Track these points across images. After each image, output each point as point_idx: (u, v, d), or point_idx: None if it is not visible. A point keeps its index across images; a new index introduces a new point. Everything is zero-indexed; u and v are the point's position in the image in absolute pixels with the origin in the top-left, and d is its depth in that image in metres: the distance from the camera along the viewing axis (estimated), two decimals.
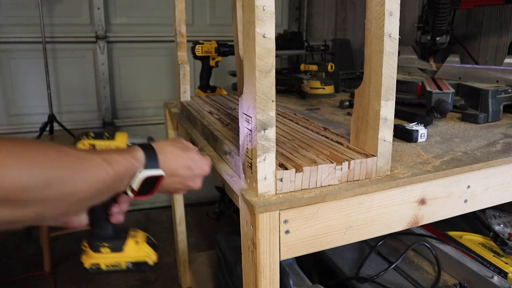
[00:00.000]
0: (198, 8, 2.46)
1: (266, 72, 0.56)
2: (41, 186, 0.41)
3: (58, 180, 0.43)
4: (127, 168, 0.52)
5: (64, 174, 0.44)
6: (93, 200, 0.49)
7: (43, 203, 0.42)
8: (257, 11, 0.53)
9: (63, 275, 1.85)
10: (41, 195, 0.42)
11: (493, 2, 1.30)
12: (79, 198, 0.46)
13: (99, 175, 0.48)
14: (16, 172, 0.39)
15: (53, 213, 0.46)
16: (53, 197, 0.43)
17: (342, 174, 0.65)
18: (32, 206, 0.41)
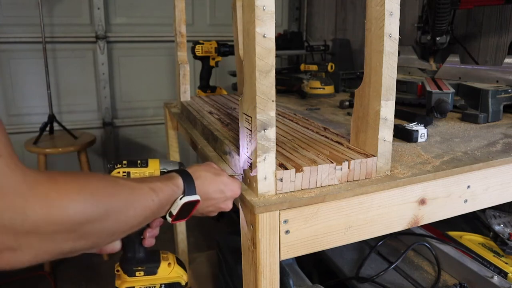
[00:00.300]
0: (198, 8, 2.46)
1: (266, 72, 0.56)
2: (102, 218, 0.43)
3: (115, 211, 0.45)
4: (170, 196, 0.55)
5: (119, 205, 0.46)
6: (139, 226, 0.51)
7: (101, 233, 0.44)
8: (257, 11, 0.53)
9: (63, 275, 1.85)
10: (101, 226, 0.43)
11: (493, 2, 1.30)
12: (130, 227, 0.49)
13: (147, 203, 0.51)
14: (81, 205, 0.40)
15: (107, 241, 0.48)
16: (110, 227, 0.45)
17: (342, 174, 0.65)
18: (92, 236, 0.43)
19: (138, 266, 0.67)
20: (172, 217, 0.56)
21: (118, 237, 0.49)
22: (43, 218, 0.38)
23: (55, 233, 0.39)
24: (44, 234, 0.38)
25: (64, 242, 0.40)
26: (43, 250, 0.39)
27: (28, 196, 0.37)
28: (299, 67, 1.64)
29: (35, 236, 0.37)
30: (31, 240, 0.37)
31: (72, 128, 2.15)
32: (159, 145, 2.62)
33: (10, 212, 0.36)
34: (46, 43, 2.03)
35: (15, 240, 0.36)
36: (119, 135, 2.56)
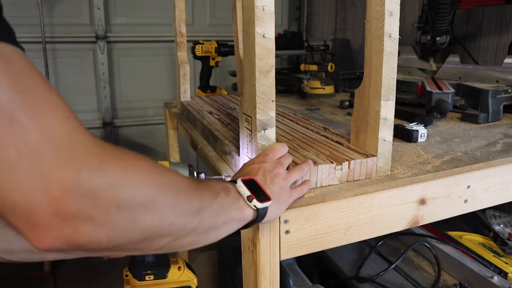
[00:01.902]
0: (198, 8, 2.46)
1: (266, 72, 0.56)
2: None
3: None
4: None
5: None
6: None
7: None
8: (256, 11, 0.53)
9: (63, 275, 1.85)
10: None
11: (493, 2, 1.30)
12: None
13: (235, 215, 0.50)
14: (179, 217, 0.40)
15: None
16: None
17: (342, 174, 0.65)
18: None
19: (148, 270, 0.66)
20: (254, 197, 0.51)
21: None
22: (119, 178, 0.34)
23: (131, 201, 0.35)
24: (121, 201, 0.34)
25: (142, 215, 0.36)
26: (122, 224, 0.35)
27: (103, 156, 0.34)
28: (299, 67, 1.64)
29: (112, 202, 0.33)
30: (109, 207, 0.33)
31: None
32: (159, 145, 2.62)
33: (86, 171, 0.32)
34: (46, 43, 2.03)
35: (93, 205, 0.32)
36: (119, 135, 2.56)
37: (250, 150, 0.62)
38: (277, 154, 0.59)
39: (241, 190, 0.51)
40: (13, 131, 0.29)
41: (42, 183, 0.30)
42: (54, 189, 0.30)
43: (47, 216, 0.30)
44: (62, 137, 0.32)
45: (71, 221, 0.31)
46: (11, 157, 0.29)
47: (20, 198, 0.30)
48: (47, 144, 0.31)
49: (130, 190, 0.35)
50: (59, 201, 0.30)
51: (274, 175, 0.56)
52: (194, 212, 0.42)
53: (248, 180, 0.53)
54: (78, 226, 0.32)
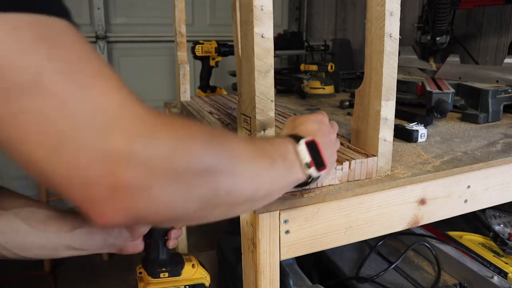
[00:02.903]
0: (198, 8, 2.46)
1: (265, 72, 0.56)
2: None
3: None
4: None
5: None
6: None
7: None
8: (255, 11, 0.53)
9: (63, 275, 1.85)
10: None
11: (493, 2, 1.30)
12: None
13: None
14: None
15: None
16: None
17: (343, 174, 0.65)
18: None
19: (162, 268, 0.66)
20: (312, 164, 0.49)
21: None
22: (174, 148, 0.33)
23: (187, 170, 0.33)
24: (177, 170, 0.33)
25: (199, 184, 0.35)
26: (179, 193, 0.33)
27: (156, 126, 0.32)
28: (299, 67, 1.64)
29: (168, 172, 0.32)
30: (165, 177, 0.32)
31: None
32: None
33: (140, 141, 0.30)
34: None
35: (148, 176, 0.31)
36: None
37: None
38: (327, 117, 0.59)
39: (301, 154, 0.48)
40: (66, 102, 0.29)
41: (96, 154, 0.29)
42: (109, 160, 0.29)
43: (104, 189, 0.30)
44: (114, 108, 0.31)
45: (128, 193, 0.30)
46: (64, 129, 0.29)
47: (77, 171, 0.29)
48: (100, 115, 0.30)
49: (186, 159, 0.33)
50: (115, 172, 0.29)
51: (330, 140, 0.55)
52: (250, 181, 0.41)
53: (310, 143, 0.49)
54: (136, 198, 0.31)
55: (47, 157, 0.29)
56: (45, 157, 0.29)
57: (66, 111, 0.29)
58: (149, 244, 0.65)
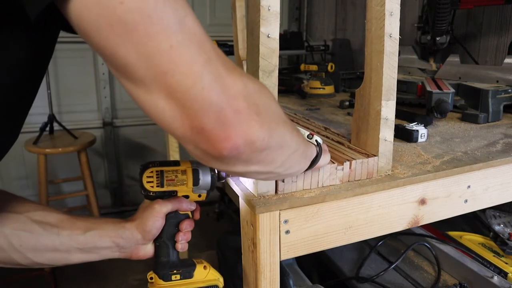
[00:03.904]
0: (198, 8, 2.46)
1: (270, 72, 0.56)
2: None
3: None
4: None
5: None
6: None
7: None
8: (262, 11, 0.53)
9: (63, 275, 1.85)
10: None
11: (493, 2, 1.30)
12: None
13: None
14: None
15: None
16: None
17: (343, 174, 0.65)
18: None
19: (174, 270, 0.66)
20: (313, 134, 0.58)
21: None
22: (270, 96, 0.42)
23: (279, 111, 0.43)
24: (273, 110, 0.42)
25: (282, 123, 0.43)
26: (273, 126, 0.41)
27: (255, 79, 0.42)
28: (299, 67, 1.64)
29: (268, 109, 0.40)
30: (266, 112, 0.40)
31: (72, 128, 2.15)
32: (159, 145, 2.62)
33: (250, 84, 0.39)
34: None
35: (257, 108, 0.38)
36: (119, 135, 2.56)
37: None
38: None
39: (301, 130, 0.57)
40: (199, 44, 0.36)
41: (223, 85, 0.36)
42: (231, 89, 0.36)
43: (232, 113, 0.36)
44: (224, 56, 0.39)
45: (246, 118, 0.37)
46: (199, 62, 0.35)
47: (215, 97, 0.35)
48: (216, 56, 0.37)
49: (270, 101, 0.42)
50: (236, 100, 0.36)
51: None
52: (295, 136, 0.48)
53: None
54: (251, 123, 0.37)
55: (190, 89, 0.35)
56: (189, 89, 0.35)
57: (202, 51, 0.36)
58: (159, 247, 0.65)
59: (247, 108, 0.37)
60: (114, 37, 0.32)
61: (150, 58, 0.33)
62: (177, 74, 0.34)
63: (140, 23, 0.32)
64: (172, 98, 0.35)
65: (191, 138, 0.37)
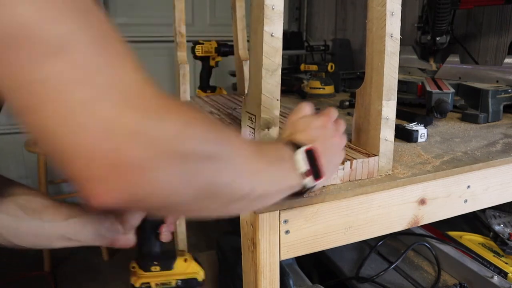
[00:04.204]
0: (198, 8, 2.46)
1: (273, 71, 0.56)
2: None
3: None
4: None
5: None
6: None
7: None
8: (266, 10, 0.53)
9: (63, 275, 1.85)
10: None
11: (493, 2, 1.30)
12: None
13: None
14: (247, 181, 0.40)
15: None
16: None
17: (344, 174, 0.65)
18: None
19: (154, 261, 0.66)
20: (309, 174, 0.48)
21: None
22: (183, 131, 0.33)
23: (191, 154, 0.33)
24: (183, 153, 0.33)
25: (201, 169, 0.34)
26: (179, 177, 0.33)
27: (168, 108, 0.34)
28: (299, 67, 1.64)
29: (175, 153, 0.32)
30: (170, 158, 0.32)
31: None
32: None
33: (151, 120, 0.31)
34: None
35: (154, 154, 0.31)
36: None
37: None
38: (332, 116, 0.56)
39: (298, 163, 0.48)
40: (87, 74, 0.29)
41: (106, 127, 0.29)
42: (117, 134, 0.29)
43: (106, 166, 0.29)
44: (130, 86, 0.32)
45: (129, 172, 0.30)
46: (77, 99, 0.29)
47: (84, 143, 0.29)
48: (115, 91, 0.30)
49: (191, 143, 0.34)
50: (120, 148, 0.29)
51: (332, 145, 0.53)
52: (250, 176, 0.41)
53: (308, 152, 0.49)
54: (136, 178, 0.30)
55: (59, 126, 0.29)
56: (57, 126, 0.29)
57: (86, 82, 0.29)
58: (141, 238, 0.65)
59: (143, 158, 0.30)
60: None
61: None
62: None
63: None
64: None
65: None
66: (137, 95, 0.32)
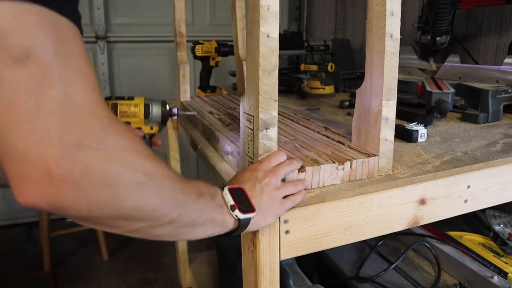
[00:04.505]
0: (198, 8, 2.46)
1: (270, 71, 0.56)
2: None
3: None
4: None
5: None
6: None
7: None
8: (261, 10, 0.53)
9: (63, 275, 1.85)
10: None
11: (493, 2, 1.30)
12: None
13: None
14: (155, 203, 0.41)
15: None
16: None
17: (344, 174, 0.65)
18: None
19: None
20: (236, 208, 0.52)
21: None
22: (115, 156, 0.36)
23: (120, 177, 0.37)
24: (110, 177, 0.36)
25: (126, 195, 0.38)
26: (105, 198, 0.36)
27: (110, 132, 0.37)
28: (299, 67, 1.64)
29: (102, 176, 0.35)
30: (97, 180, 0.35)
31: None
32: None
33: (89, 141, 0.34)
34: None
35: (83, 174, 0.34)
36: None
37: (251, 150, 0.62)
38: (273, 161, 0.59)
39: (226, 198, 0.52)
40: (42, 86, 0.32)
41: (47, 139, 0.32)
42: (55, 148, 0.32)
43: (39, 172, 0.32)
44: (81, 106, 0.35)
45: (58, 183, 0.33)
46: (29, 107, 0.32)
47: (23, 147, 0.32)
48: (66, 109, 0.33)
49: (121, 169, 0.37)
50: (55, 160, 0.32)
51: (264, 184, 0.56)
52: (176, 205, 0.44)
53: (235, 189, 0.53)
54: (63, 190, 0.33)
55: (3, 126, 0.32)
56: (2, 125, 0.32)
57: (40, 93, 0.32)
58: None
59: (75, 174, 0.33)
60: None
61: None
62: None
63: None
64: None
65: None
66: (83, 117, 0.35)
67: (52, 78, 0.33)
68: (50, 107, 0.33)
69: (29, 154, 0.32)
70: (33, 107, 0.32)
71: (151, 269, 1.86)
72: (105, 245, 1.94)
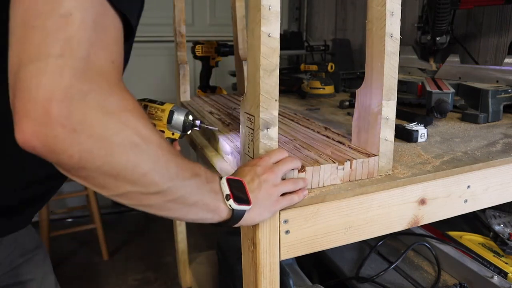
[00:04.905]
0: (198, 8, 2.46)
1: (271, 71, 0.56)
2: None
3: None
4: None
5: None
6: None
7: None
8: (263, 10, 0.53)
9: (63, 275, 1.85)
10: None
11: (493, 2, 1.30)
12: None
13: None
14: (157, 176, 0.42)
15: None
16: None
17: (344, 174, 0.65)
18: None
19: None
20: (231, 198, 0.51)
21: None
22: (117, 113, 0.38)
23: (117, 135, 0.38)
24: (108, 131, 0.37)
25: (120, 152, 0.38)
26: (99, 151, 0.37)
27: (118, 91, 0.38)
28: (299, 67, 1.64)
29: (100, 128, 0.36)
30: (94, 131, 0.36)
31: None
32: None
33: (96, 93, 0.36)
34: None
35: (81, 121, 0.35)
36: None
37: (252, 150, 0.62)
38: (273, 158, 0.59)
39: (222, 187, 0.52)
40: (72, 36, 0.35)
41: (57, 82, 0.34)
42: (61, 92, 0.34)
43: (39, 110, 0.34)
44: (98, 65, 0.37)
45: (55, 125, 0.34)
46: (55, 51, 0.35)
47: (35, 84, 0.34)
48: (84, 62, 0.36)
49: (119, 127, 0.38)
50: (58, 103, 0.34)
51: (263, 180, 0.56)
52: (168, 176, 0.43)
53: (234, 180, 0.53)
54: (59, 132, 0.34)
55: (24, 60, 0.34)
56: (23, 60, 0.34)
57: (67, 39, 0.35)
58: None
59: (67, 116, 0.34)
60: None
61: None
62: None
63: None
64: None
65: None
66: (97, 73, 0.37)
67: (82, 34, 0.36)
68: (72, 55, 0.35)
69: (37, 92, 0.34)
70: (57, 51, 0.34)
71: (151, 269, 1.86)
72: (105, 245, 1.94)
